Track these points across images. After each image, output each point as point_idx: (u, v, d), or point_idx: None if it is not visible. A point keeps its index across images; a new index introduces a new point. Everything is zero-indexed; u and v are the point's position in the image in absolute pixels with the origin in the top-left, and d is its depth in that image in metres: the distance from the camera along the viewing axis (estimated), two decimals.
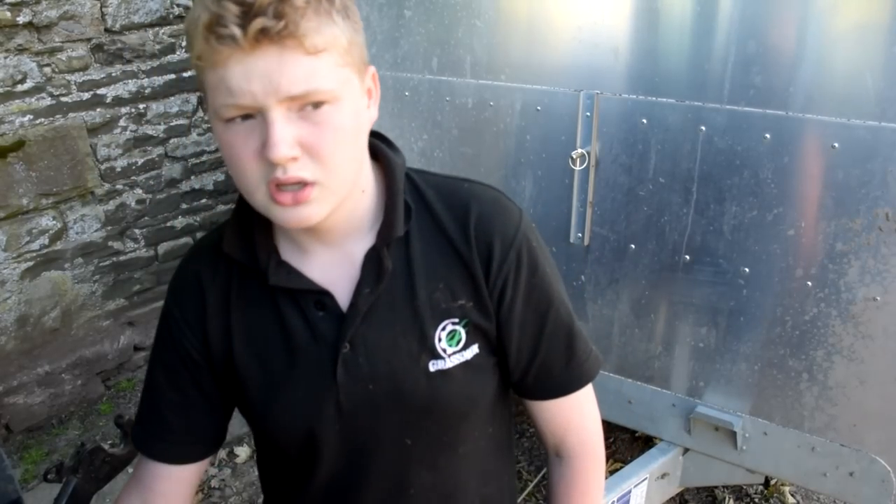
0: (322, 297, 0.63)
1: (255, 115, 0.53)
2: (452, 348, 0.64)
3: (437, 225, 0.65)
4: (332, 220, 0.61)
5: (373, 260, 0.63)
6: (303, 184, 0.54)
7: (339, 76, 0.54)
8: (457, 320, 0.64)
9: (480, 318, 0.65)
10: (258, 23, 0.49)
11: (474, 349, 0.65)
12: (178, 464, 0.71)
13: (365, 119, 0.59)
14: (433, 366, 0.64)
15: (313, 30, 0.51)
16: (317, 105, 0.53)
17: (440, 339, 0.64)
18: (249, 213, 0.64)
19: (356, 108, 0.57)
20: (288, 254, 0.65)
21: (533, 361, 0.69)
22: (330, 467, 0.67)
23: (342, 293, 0.63)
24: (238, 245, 0.65)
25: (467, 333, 0.65)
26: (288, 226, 0.58)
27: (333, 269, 0.64)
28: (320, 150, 0.54)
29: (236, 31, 0.49)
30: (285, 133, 0.52)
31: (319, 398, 0.64)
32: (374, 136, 0.66)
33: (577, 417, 0.74)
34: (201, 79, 0.55)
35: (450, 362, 0.64)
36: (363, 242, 0.64)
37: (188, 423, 0.70)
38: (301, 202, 0.55)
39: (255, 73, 0.51)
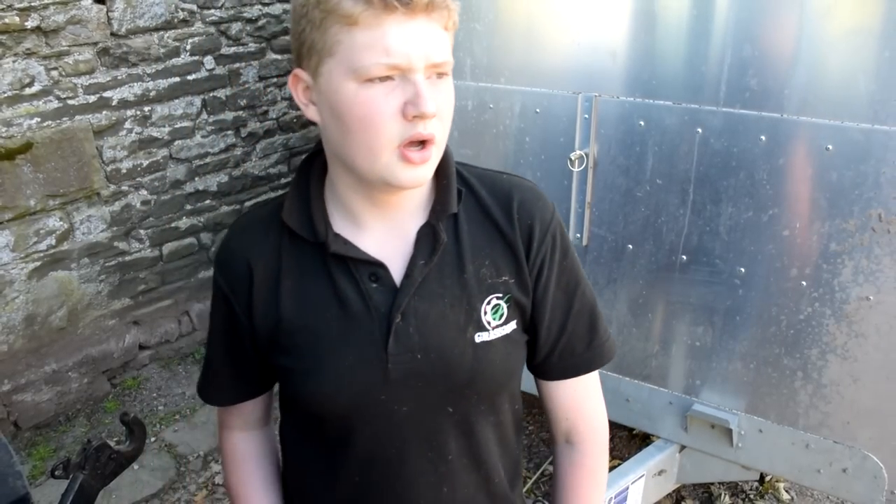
0: (377, 268, 0.67)
1: (393, 77, 0.58)
2: (496, 321, 0.69)
3: (482, 208, 0.70)
4: (402, 194, 0.66)
5: (427, 234, 0.68)
6: (426, 143, 0.60)
7: (450, 53, 0.62)
8: (500, 295, 0.69)
9: (520, 295, 0.70)
10: None
11: (513, 325, 0.70)
12: (242, 402, 0.79)
13: None
14: (479, 337, 0.68)
15: (454, 13, 0.60)
16: (440, 75, 0.60)
17: (485, 313, 0.68)
18: (307, 189, 0.69)
19: None
20: (342, 228, 0.68)
21: (560, 339, 0.73)
22: (370, 437, 0.70)
23: (395, 266, 0.67)
24: (297, 216, 0.68)
25: (508, 309, 0.70)
26: (407, 185, 0.62)
27: (387, 243, 0.68)
28: (444, 113, 0.61)
29: None
30: (431, 92, 0.59)
31: (368, 367, 0.67)
32: None
33: (590, 402, 0.78)
34: (336, 39, 0.58)
35: (493, 335, 0.68)
36: (415, 220, 0.69)
37: (239, 372, 0.76)
38: (426, 161, 0.61)
39: (412, 38, 0.57)
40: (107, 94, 2.36)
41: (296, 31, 0.61)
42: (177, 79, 2.54)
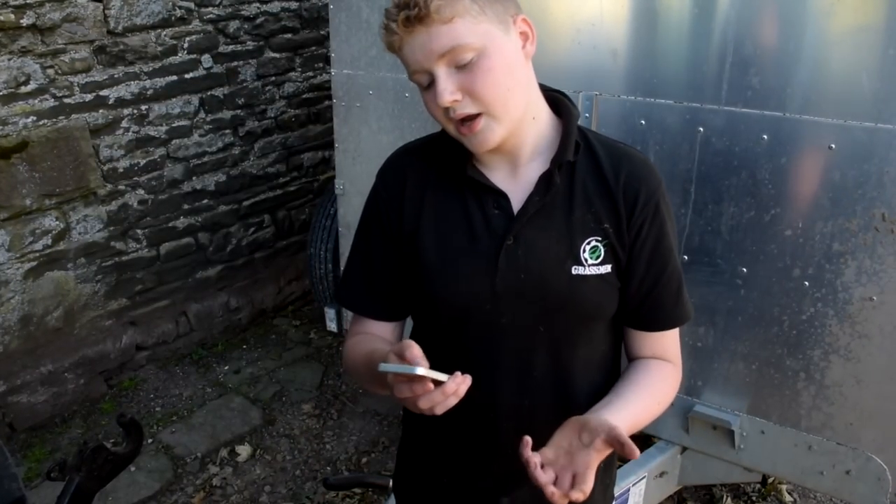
0: (500, 198, 0.81)
1: (433, 78, 0.73)
2: (592, 261, 0.80)
3: (597, 166, 0.81)
4: (512, 144, 0.79)
5: (546, 178, 0.80)
6: (472, 117, 0.73)
7: (476, 31, 0.71)
8: (599, 239, 0.80)
9: (617, 245, 0.80)
10: (402, 15, 0.70)
11: (608, 268, 0.81)
12: (381, 320, 0.89)
13: (517, 54, 0.75)
14: (574, 270, 0.80)
15: (441, 7, 0.69)
16: (469, 58, 0.71)
17: (584, 251, 0.80)
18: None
19: (502, 50, 0.73)
20: (478, 164, 0.83)
21: (650, 294, 0.82)
22: (474, 340, 0.83)
23: (516, 200, 0.81)
24: (445, 149, 0.83)
25: (605, 252, 0.80)
26: (473, 150, 0.78)
27: (511, 182, 0.82)
28: (475, 90, 0.72)
29: (394, 26, 0.71)
30: (447, 84, 0.72)
31: (481, 277, 0.80)
32: (557, 92, 0.85)
33: (675, 349, 0.88)
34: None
35: (588, 271, 0.80)
36: (536, 165, 0.81)
37: (387, 284, 0.87)
38: (474, 131, 0.74)
39: (415, 47, 0.71)
40: (103, 92, 2.34)
41: None
42: (174, 77, 2.53)
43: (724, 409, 1.55)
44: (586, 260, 0.79)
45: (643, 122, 1.49)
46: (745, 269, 1.44)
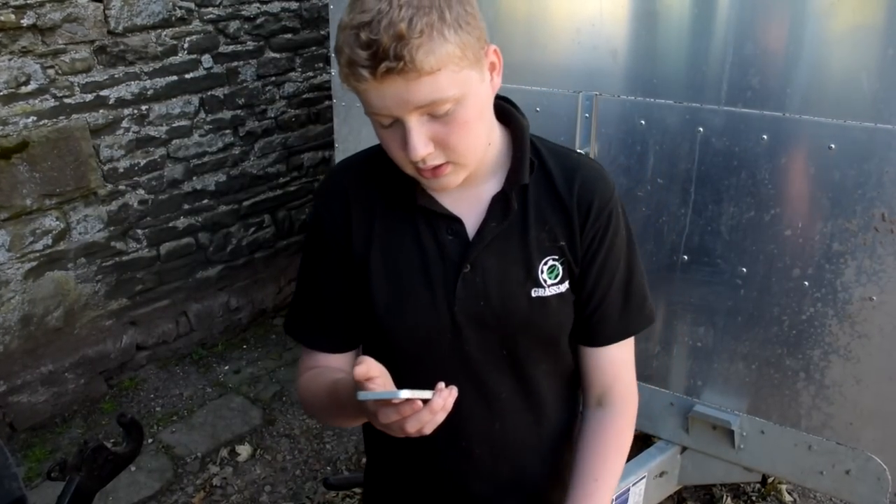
0: (454, 223, 0.77)
1: (395, 120, 0.67)
2: (551, 280, 0.78)
3: (549, 180, 0.78)
4: (468, 173, 0.74)
5: (500, 201, 0.77)
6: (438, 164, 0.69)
7: (457, 80, 0.65)
8: (557, 257, 0.78)
9: (571, 260, 0.79)
10: (383, 66, 0.62)
11: (566, 285, 0.79)
12: (334, 352, 0.83)
13: (488, 94, 0.71)
14: (535, 292, 0.77)
15: (427, 59, 0.62)
16: (446, 109, 0.66)
17: (542, 272, 0.77)
18: None
19: (478, 95, 0.68)
20: (428, 189, 0.78)
21: (599, 306, 0.81)
22: (435, 372, 0.75)
23: (469, 223, 0.77)
24: (391, 173, 0.76)
25: (562, 270, 0.78)
26: (434, 190, 0.74)
27: (463, 204, 0.77)
28: (448, 143, 0.68)
29: (366, 73, 0.63)
30: (419, 136, 0.66)
31: (439, 307, 0.77)
32: (503, 100, 0.80)
33: (624, 370, 0.85)
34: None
35: (548, 292, 0.78)
36: (488, 185, 0.77)
37: (340, 315, 0.81)
38: (439, 176, 0.70)
39: (387, 96, 0.64)
40: (104, 92, 2.34)
41: None
42: (174, 77, 2.53)
43: (724, 408, 1.55)
44: (545, 281, 0.77)
45: (643, 122, 1.49)
46: (744, 269, 1.44)
